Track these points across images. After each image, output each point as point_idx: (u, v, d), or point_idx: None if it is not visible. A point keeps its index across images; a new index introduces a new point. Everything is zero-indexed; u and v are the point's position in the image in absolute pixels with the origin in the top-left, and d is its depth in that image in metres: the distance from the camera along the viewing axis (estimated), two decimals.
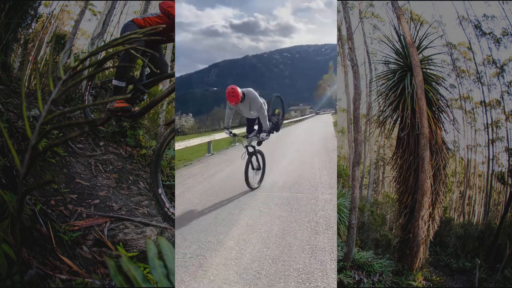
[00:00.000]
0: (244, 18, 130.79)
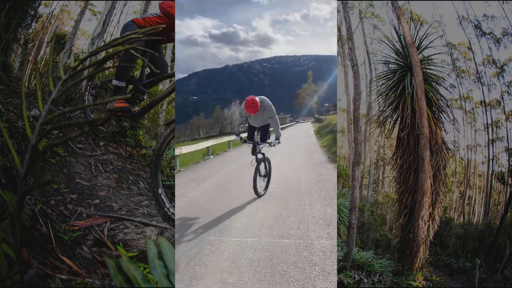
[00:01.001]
0: (223, 28, 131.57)
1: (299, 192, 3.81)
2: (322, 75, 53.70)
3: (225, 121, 35.10)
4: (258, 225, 2.80)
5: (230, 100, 37.05)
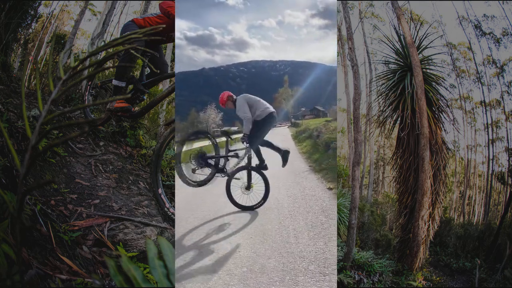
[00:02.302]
0: (199, 31, 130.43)
1: (280, 216, 3.09)
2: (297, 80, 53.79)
3: (201, 124, 34.02)
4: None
5: (206, 103, 36.38)
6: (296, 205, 3.43)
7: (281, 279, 1.92)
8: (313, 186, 4.36)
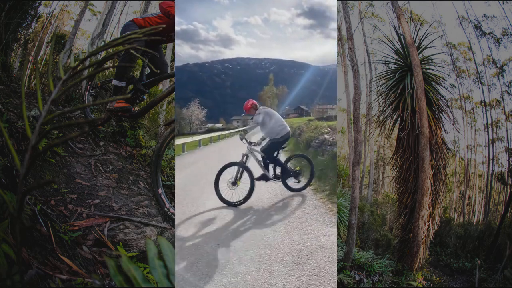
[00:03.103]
0: (183, 25, 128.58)
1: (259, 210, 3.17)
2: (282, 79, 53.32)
3: (184, 121, 33.24)
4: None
5: (190, 99, 35.52)
6: (274, 200, 3.72)
7: (257, 268, 2.05)
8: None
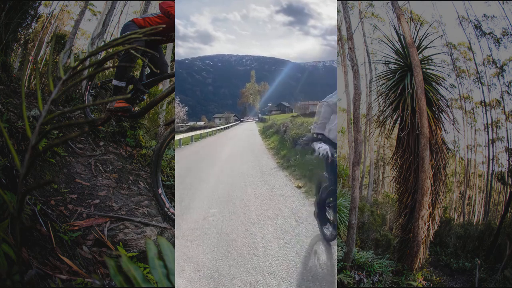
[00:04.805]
0: None
1: (247, 222, 2.79)
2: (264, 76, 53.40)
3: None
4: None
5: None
6: (264, 207, 3.12)
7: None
8: (281, 184, 4.09)
